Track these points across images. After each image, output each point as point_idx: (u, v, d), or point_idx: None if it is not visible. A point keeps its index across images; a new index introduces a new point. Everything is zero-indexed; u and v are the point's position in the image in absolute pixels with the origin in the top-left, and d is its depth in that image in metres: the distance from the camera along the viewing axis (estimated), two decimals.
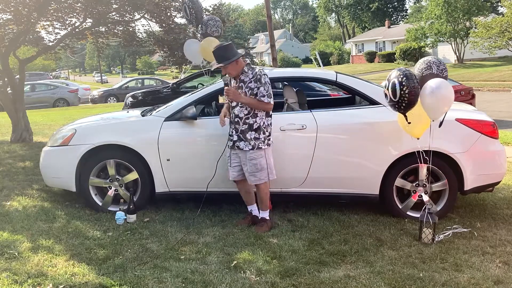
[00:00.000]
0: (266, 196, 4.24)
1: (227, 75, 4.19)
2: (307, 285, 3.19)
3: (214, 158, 4.42)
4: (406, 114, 3.92)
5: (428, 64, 3.82)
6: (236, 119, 4.14)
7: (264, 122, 4.14)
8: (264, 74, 4.10)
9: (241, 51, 4.17)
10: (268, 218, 4.27)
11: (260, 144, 4.10)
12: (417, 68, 3.89)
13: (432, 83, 3.74)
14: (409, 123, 3.95)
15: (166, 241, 3.97)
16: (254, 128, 4.10)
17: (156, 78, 29.66)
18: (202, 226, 4.33)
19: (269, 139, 4.18)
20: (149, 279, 3.28)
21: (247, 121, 4.10)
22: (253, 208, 4.40)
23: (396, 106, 3.88)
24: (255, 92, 4.04)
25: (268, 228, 4.20)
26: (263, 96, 4.02)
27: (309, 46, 68.48)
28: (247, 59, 4.21)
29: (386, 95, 3.93)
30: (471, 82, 22.43)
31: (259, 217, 4.29)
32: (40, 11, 8.78)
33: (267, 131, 4.16)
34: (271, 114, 4.21)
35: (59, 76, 57.88)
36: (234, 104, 4.15)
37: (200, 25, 6.30)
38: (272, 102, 4.07)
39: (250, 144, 4.10)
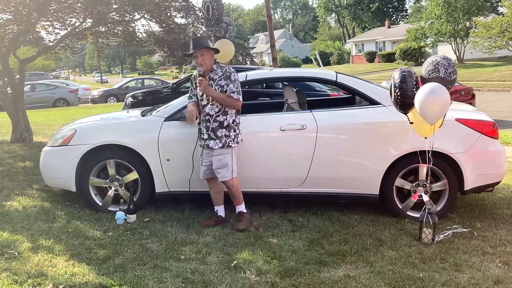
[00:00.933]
0: (237, 192, 4.25)
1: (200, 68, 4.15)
2: (307, 285, 3.19)
3: None
4: (408, 114, 3.93)
5: (436, 66, 3.72)
6: (207, 117, 4.15)
7: (234, 120, 4.17)
8: (233, 72, 4.14)
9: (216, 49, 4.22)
10: (245, 210, 4.29)
11: (230, 142, 4.13)
12: (424, 68, 3.85)
13: (424, 89, 3.67)
14: (411, 123, 3.95)
15: (166, 241, 3.97)
16: (224, 125, 4.12)
17: (156, 78, 29.68)
18: (202, 226, 4.32)
19: (238, 137, 4.21)
20: (149, 279, 3.28)
21: (217, 118, 4.12)
22: (219, 209, 4.40)
23: (395, 106, 3.93)
24: (225, 90, 4.07)
25: (247, 221, 4.23)
26: (233, 92, 4.06)
27: (309, 46, 68.50)
28: (217, 60, 4.25)
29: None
30: (471, 82, 22.44)
31: (237, 211, 4.30)
32: (40, 11, 8.78)
33: (237, 128, 4.20)
34: (239, 113, 4.24)
35: (59, 76, 57.90)
36: (205, 102, 4.16)
37: (215, 26, 6.31)
38: (241, 100, 4.11)
39: (220, 142, 4.11)
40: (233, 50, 6.49)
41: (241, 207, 4.31)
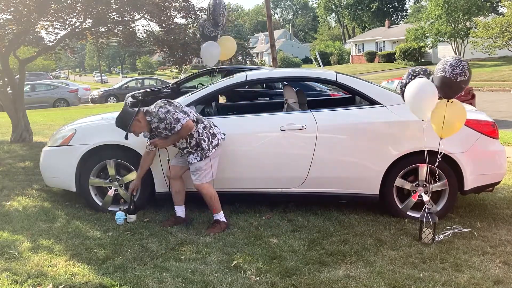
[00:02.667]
0: (211, 200, 4.20)
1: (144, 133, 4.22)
2: (307, 285, 3.19)
3: None
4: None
5: (444, 65, 3.69)
6: (184, 151, 4.20)
7: (198, 132, 4.12)
8: (159, 107, 4.03)
9: (136, 109, 4.12)
10: (221, 220, 4.25)
11: (207, 153, 4.13)
12: (436, 68, 3.88)
13: (411, 84, 3.78)
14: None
15: (166, 241, 3.97)
16: (198, 144, 4.12)
17: (156, 78, 29.67)
18: (202, 226, 4.33)
19: (212, 142, 4.15)
20: (149, 279, 3.28)
21: (190, 145, 4.13)
22: (178, 209, 4.38)
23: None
24: (169, 128, 4.02)
25: (221, 229, 4.17)
26: (173, 128, 4.00)
27: (309, 46, 68.51)
28: (143, 109, 4.14)
29: None
30: (471, 82, 22.28)
31: (214, 219, 4.26)
32: (40, 11, 8.78)
33: (206, 136, 4.14)
34: (198, 120, 4.17)
35: (59, 76, 57.91)
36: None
37: (199, 27, 6.31)
38: (184, 122, 3.98)
39: (198, 156, 4.13)
40: (235, 47, 6.46)
41: (218, 215, 4.26)
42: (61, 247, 3.85)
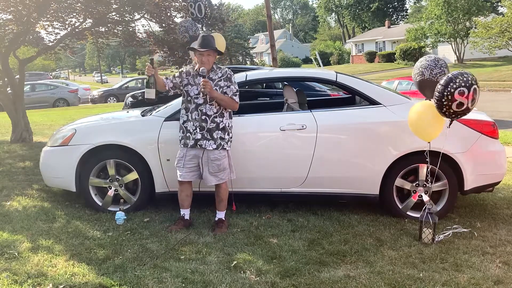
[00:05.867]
0: (226, 196, 4.26)
1: (203, 68, 4.09)
2: (307, 285, 3.19)
3: None
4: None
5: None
6: (203, 117, 4.09)
7: (229, 123, 4.19)
8: (233, 74, 4.18)
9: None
10: (224, 218, 4.29)
11: (224, 145, 4.12)
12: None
13: None
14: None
15: (166, 241, 3.97)
16: (220, 127, 4.12)
17: None
18: (202, 226, 4.33)
19: (230, 141, 4.22)
20: (149, 279, 3.28)
21: (215, 119, 4.10)
22: (186, 213, 4.34)
23: None
24: (224, 91, 4.08)
25: (227, 228, 4.21)
26: (235, 95, 4.11)
27: (309, 46, 68.54)
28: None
29: None
30: None
31: (217, 218, 4.27)
32: (40, 11, 8.78)
33: (231, 132, 4.21)
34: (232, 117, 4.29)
35: (59, 76, 57.97)
36: (201, 101, 4.09)
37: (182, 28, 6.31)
38: (238, 100, 4.16)
39: (215, 143, 4.09)
40: (222, 42, 6.43)
41: (222, 214, 4.29)
42: (61, 247, 3.85)
